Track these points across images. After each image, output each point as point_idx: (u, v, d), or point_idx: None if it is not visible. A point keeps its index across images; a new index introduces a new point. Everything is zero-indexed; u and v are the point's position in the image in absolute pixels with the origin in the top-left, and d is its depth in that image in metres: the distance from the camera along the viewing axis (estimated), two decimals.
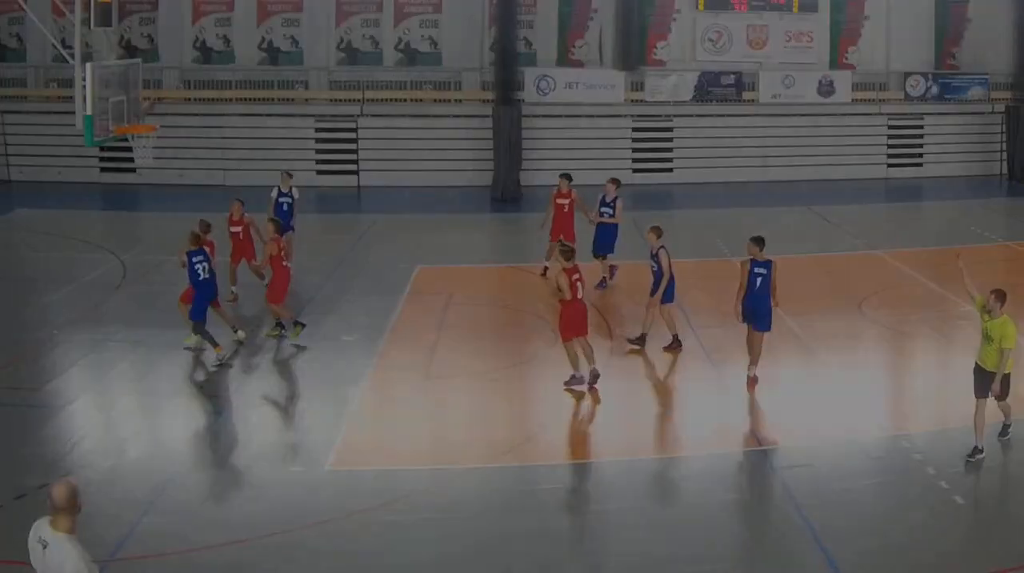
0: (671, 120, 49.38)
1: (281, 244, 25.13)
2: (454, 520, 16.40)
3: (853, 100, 50.46)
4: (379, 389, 22.60)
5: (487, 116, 46.94)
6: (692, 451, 19.43)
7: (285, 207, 30.08)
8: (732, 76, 49.50)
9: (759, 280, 21.95)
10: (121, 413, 20.98)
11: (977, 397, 18.17)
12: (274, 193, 30.39)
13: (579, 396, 21.62)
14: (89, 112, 28.80)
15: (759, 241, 22.22)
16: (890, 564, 15.02)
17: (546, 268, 30.34)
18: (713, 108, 49.49)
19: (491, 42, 48.11)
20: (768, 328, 22.18)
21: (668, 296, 24.33)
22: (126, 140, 32.91)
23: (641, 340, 24.49)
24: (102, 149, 42.79)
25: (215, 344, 23.53)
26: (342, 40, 49.48)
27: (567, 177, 30.94)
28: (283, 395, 22.28)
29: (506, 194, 45.73)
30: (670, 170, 49.45)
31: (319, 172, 47.78)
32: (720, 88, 49.40)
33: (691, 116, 49.37)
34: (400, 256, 33.36)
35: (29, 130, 47.74)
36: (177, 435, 20.13)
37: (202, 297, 23.83)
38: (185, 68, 49.10)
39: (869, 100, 50.79)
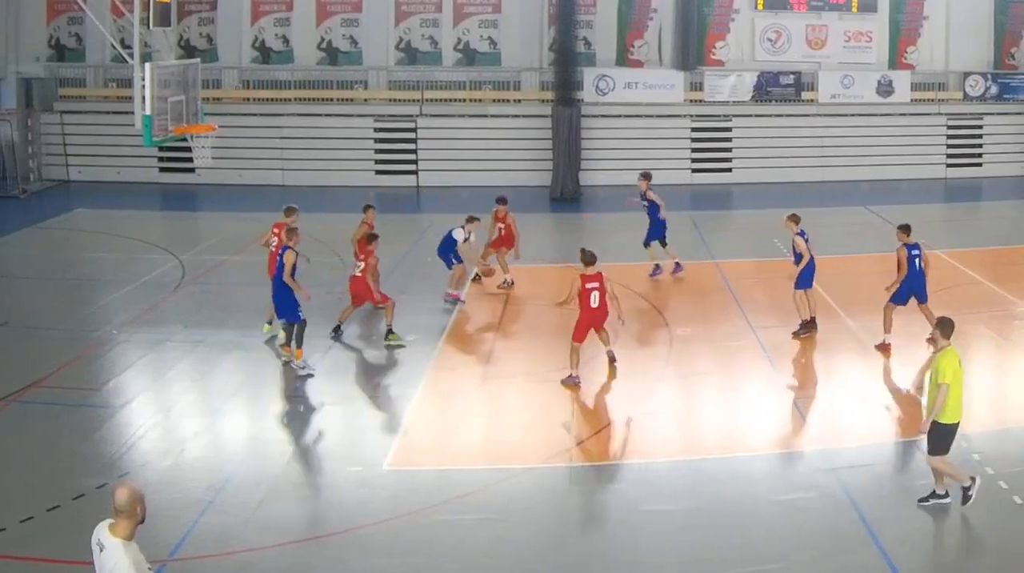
0: (730, 120, 49.22)
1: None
2: (510, 520, 16.40)
3: (912, 100, 50.03)
4: (437, 389, 22.63)
5: (546, 116, 47.03)
6: (748, 451, 19.30)
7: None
8: (791, 76, 49.22)
9: (916, 261, 23.90)
10: (180, 413, 21.08)
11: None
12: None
13: (632, 398, 21.68)
14: (148, 112, 28.86)
15: (907, 228, 24.12)
16: (948, 564, 14.95)
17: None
18: (772, 108, 49.30)
19: (550, 42, 48.12)
20: (927, 300, 24.03)
21: (805, 282, 24.98)
22: (185, 140, 32.99)
23: (804, 327, 25.17)
24: (161, 149, 42.99)
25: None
26: (401, 40, 49.55)
27: (499, 199, 30.85)
28: (341, 395, 22.23)
29: (565, 194, 45.79)
30: (729, 170, 49.27)
31: (378, 172, 47.99)
32: (779, 88, 49.17)
33: (750, 116, 49.17)
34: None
35: (88, 130, 48.20)
36: (235, 435, 20.29)
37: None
38: (244, 68, 49.38)
39: (928, 100, 50.33)
